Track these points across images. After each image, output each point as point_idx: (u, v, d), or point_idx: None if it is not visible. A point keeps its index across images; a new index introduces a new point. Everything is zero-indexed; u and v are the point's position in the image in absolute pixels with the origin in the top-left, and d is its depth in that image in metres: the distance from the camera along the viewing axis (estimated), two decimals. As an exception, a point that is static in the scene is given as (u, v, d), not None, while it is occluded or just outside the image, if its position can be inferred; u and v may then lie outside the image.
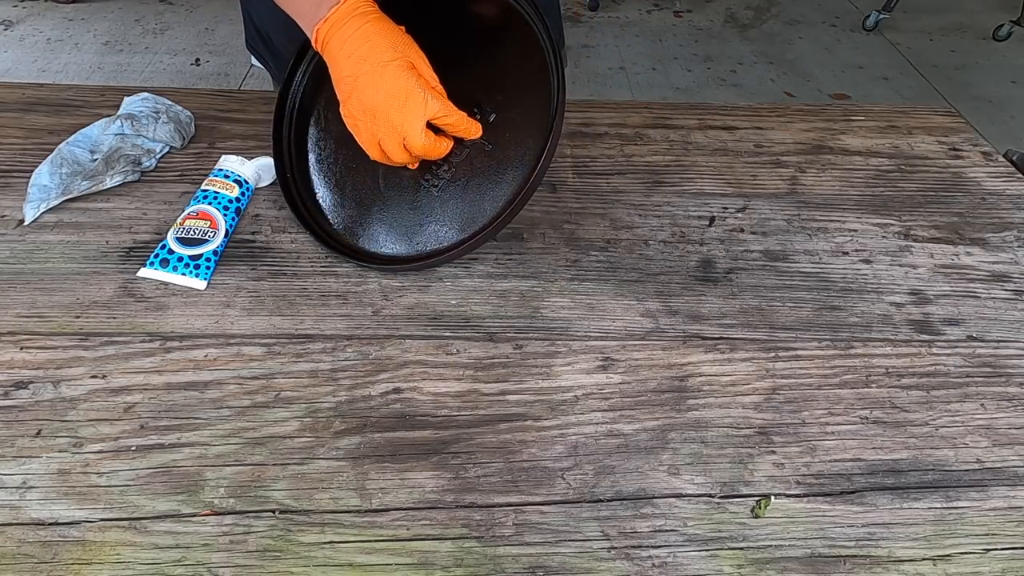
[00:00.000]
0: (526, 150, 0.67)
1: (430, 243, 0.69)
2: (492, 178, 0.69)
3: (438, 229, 0.70)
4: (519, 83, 0.69)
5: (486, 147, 0.69)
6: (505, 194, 0.68)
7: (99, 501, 0.50)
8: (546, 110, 0.67)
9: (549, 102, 0.66)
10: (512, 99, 0.69)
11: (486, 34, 0.71)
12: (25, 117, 0.86)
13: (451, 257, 0.68)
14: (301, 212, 0.72)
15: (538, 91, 0.67)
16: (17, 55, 2.78)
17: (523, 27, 0.68)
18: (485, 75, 0.70)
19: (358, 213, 0.72)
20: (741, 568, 0.48)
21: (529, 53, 0.68)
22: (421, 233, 0.70)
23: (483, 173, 0.69)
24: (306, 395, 0.57)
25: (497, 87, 0.69)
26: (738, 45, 3.13)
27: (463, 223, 0.69)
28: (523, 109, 0.68)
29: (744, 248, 0.74)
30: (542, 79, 0.67)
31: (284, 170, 0.74)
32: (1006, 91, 2.84)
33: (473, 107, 0.68)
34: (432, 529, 0.49)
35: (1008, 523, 0.52)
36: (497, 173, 0.68)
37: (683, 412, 0.58)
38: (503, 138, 0.68)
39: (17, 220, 0.72)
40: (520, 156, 0.68)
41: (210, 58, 2.81)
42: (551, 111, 0.66)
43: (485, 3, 0.72)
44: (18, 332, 0.61)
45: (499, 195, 0.68)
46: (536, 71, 0.67)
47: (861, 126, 0.94)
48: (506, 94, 0.69)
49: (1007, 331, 0.66)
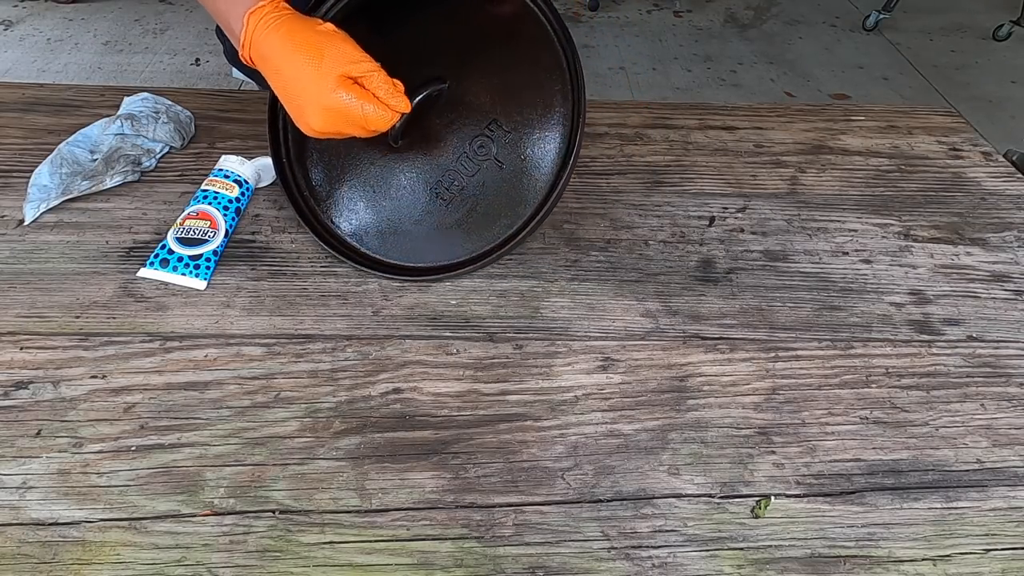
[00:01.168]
0: (540, 178, 0.67)
1: (440, 257, 0.69)
2: (504, 200, 0.68)
3: (448, 242, 0.69)
4: (538, 105, 0.67)
5: (500, 166, 0.68)
6: (513, 220, 0.67)
7: (99, 501, 0.50)
8: (564, 140, 0.66)
9: (567, 132, 0.66)
10: (529, 121, 0.67)
11: (512, 47, 0.69)
12: (25, 117, 0.86)
13: (458, 274, 0.67)
14: (305, 213, 0.71)
15: (556, 118, 0.66)
16: (17, 55, 2.78)
17: (549, 47, 0.66)
18: (506, 91, 0.68)
19: (367, 220, 0.71)
20: (741, 568, 0.48)
21: (551, 75, 0.66)
22: (430, 244, 0.69)
23: (494, 193, 0.68)
24: (306, 395, 0.57)
25: (514, 104, 0.67)
26: (738, 45, 3.13)
27: (471, 241, 0.68)
28: (540, 138, 0.67)
29: (744, 248, 0.74)
30: (561, 108, 0.66)
31: (283, 167, 0.73)
32: (1006, 91, 2.84)
33: (488, 124, 0.67)
34: (432, 529, 0.49)
35: (1008, 523, 0.52)
36: (508, 196, 0.68)
37: (683, 412, 0.58)
38: (517, 160, 0.67)
39: (17, 220, 0.72)
40: (532, 186, 0.67)
41: (210, 58, 2.81)
42: (569, 143, 0.65)
43: (517, 17, 0.69)
44: (18, 332, 0.61)
45: (508, 220, 0.67)
46: (557, 96, 0.66)
47: (861, 126, 0.94)
48: (523, 115, 0.67)
49: (1007, 331, 0.66)
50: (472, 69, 0.66)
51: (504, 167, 0.68)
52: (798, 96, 2.75)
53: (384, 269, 0.69)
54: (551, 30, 0.65)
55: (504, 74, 0.67)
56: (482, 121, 0.66)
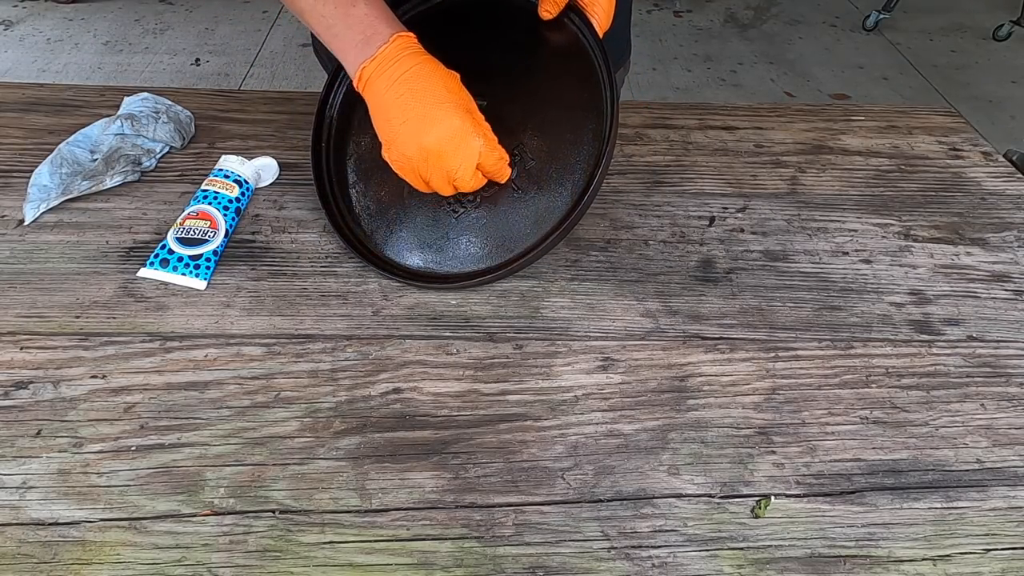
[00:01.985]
0: (552, 208, 0.66)
1: (449, 265, 0.68)
2: (512, 223, 0.67)
3: (458, 252, 0.68)
4: (567, 138, 0.67)
5: (514, 190, 0.68)
6: (515, 245, 0.67)
7: (99, 501, 0.50)
8: (585, 174, 0.66)
9: (590, 170, 0.65)
10: (555, 153, 0.67)
11: (556, 78, 0.70)
12: (25, 117, 0.86)
13: (466, 286, 0.67)
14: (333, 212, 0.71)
15: (582, 155, 0.66)
16: (17, 55, 2.78)
17: (593, 86, 0.67)
18: (541, 119, 0.68)
19: (383, 222, 0.71)
20: (741, 568, 0.48)
21: (588, 113, 0.66)
22: (441, 252, 0.69)
23: (504, 214, 0.68)
24: (306, 395, 0.57)
25: (545, 134, 0.67)
26: (738, 45, 3.13)
27: (483, 253, 0.68)
28: (560, 171, 0.67)
29: (744, 248, 0.74)
30: (588, 147, 0.66)
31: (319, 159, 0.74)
32: (1006, 91, 2.84)
33: (514, 148, 0.67)
34: (432, 529, 0.49)
35: (1008, 523, 0.52)
36: (517, 220, 0.67)
37: (683, 412, 0.58)
38: (534, 188, 0.67)
39: (17, 220, 0.72)
40: (548, 207, 0.67)
41: (210, 58, 2.81)
42: (588, 182, 0.65)
43: (568, 51, 0.69)
44: (18, 332, 0.61)
45: (511, 244, 0.67)
46: (588, 135, 0.66)
47: (861, 126, 0.94)
48: (550, 142, 0.67)
49: (1007, 331, 0.66)
50: (513, 93, 0.66)
51: (518, 192, 0.67)
52: (798, 96, 2.75)
53: (389, 269, 0.68)
54: (598, 69, 0.67)
55: (543, 103, 0.68)
56: (509, 144, 0.65)
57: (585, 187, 0.65)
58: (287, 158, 0.80)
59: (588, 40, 0.68)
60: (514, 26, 0.71)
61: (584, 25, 0.68)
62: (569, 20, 0.69)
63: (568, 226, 0.65)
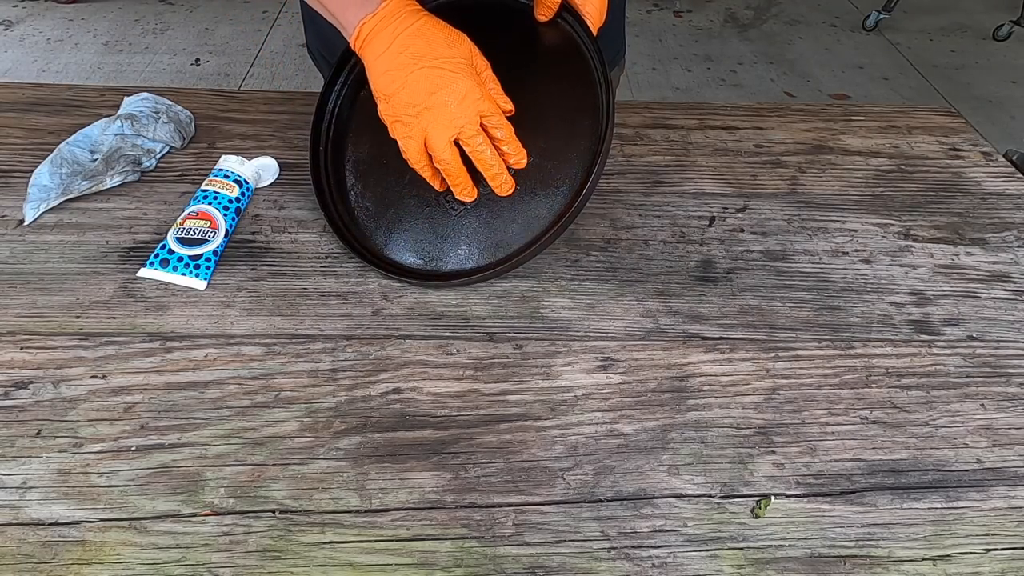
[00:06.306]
0: (546, 206, 0.66)
1: (446, 263, 0.68)
2: (506, 220, 0.67)
3: (455, 251, 0.68)
4: (562, 136, 0.67)
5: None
6: (510, 242, 0.67)
7: (99, 501, 0.50)
8: (582, 171, 0.66)
9: (588, 163, 0.65)
10: (552, 149, 0.67)
11: (554, 77, 0.69)
12: (25, 117, 0.86)
13: (465, 283, 0.67)
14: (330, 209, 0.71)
15: (579, 150, 0.66)
16: (17, 55, 2.78)
17: (589, 86, 0.67)
18: (537, 117, 0.67)
19: (382, 222, 0.71)
20: (741, 568, 0.48)
21: (584, 113, 0.66)
22: (438, 251, 0.69)
23: (498, 211, 0.68)
24: (306, 395, 0.57)
25: (541, 131, 0.67)
26: (738, 45, 3.13)
27: (479, 251, 0.68)
28: (558, 161, 0.67)
29: (744, 248, 0.74)
30: (583, 141, 0.66)
31: (319, 172, 0.74)
32: (1006, 91, 2.84)
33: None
34: (432, 529, 0.49)
35: (1008, 523, 0.52)
36: (511, 217, 0.67)
37: (683, 412, 0.58)
38: (528, 185, 0.67)
39: (17, 220, 0.72)
40: (546, 205, 0.66)
41: (210, 58, 2.81)
42: (588, 173, 0.65)
43: (565, 51, 0.69)
44: (18, 332, 0.61)
45: (506, 241, 0.67)
46: (584, 136, 0.66)
47: (861, 126, 0.94)
48: (547, 141, 0.67)
49: (1007, 331, 0.66)
50: (511, 90, 0.66)
51: (516, 190, 0.67)
52: (798, 96, 2.75)
53: (388, 269, 0.68)
54: (593, 67, 0.67)
55: (539, 102, 0.68)
56: None
57: (582, 184, 0.65)
58: (287, 158, 0.80)
59: (582, 38, 0.68)
60: (508, 26, 0.71)
61: (578, 24, 0.68)
62: (563, 19, 0.69)
63: (566, 223, 0.64)
